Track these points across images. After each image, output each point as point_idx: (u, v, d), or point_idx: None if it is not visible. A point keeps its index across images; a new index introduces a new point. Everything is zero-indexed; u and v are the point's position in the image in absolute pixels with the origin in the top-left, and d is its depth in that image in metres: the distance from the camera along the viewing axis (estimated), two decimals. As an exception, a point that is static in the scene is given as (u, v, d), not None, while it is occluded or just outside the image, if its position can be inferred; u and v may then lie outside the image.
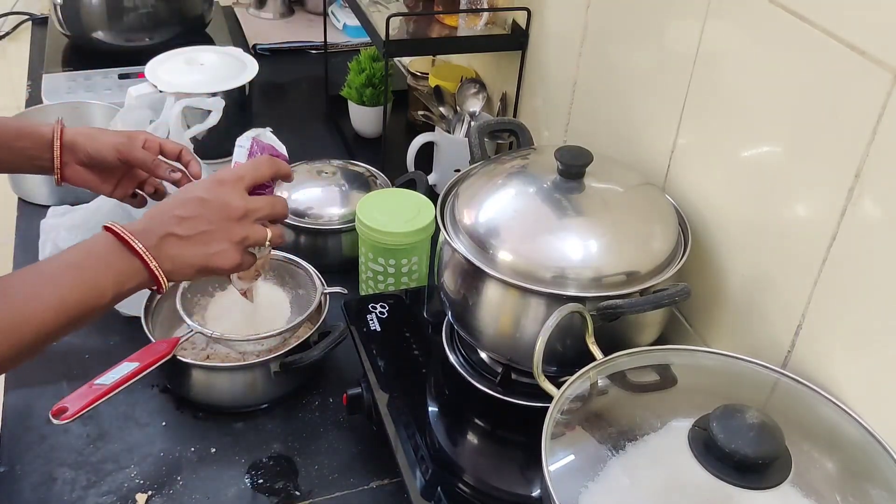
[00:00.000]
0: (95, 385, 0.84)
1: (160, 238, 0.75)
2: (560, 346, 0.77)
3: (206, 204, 0.77)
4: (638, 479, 0.61)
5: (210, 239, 0.77)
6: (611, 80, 1.03)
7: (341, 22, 1.86)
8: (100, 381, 0.85)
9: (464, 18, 1.24)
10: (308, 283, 1.04)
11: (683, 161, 0.90)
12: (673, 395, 0.71)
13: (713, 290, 0.86)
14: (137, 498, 0.86)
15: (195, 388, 0.96)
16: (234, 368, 0.95)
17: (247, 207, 0.78)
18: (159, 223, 0.76)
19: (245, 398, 0.97)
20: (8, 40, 1.94)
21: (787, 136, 0.74)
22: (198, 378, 0.95)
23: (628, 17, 0.98)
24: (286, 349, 0.95)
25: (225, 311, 1.01)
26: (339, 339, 0.97)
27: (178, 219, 0.76)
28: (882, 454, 0.63)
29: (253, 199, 0.80)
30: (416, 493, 0.77)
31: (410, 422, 0.84)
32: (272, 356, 0.95)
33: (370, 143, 1.49)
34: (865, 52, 0.64)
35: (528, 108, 1.27)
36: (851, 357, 0.70)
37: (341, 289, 1.03)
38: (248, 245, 0.80)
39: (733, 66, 0.80)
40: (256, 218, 0.80)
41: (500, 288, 0.79)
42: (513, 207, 0.83)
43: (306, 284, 1.04)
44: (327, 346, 0.96)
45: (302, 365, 0.95)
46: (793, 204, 0.74)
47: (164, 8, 1.59)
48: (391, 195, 1.10)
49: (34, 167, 0.97)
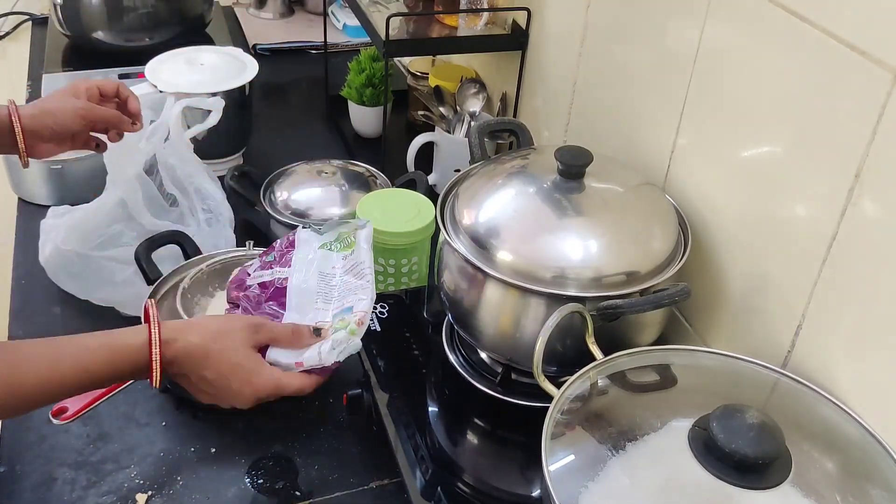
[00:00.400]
0: None
1: (181, 374, 0.75)
2: (560, 346, 0.77)
3: (236, 385, 0.76)
4: (638, 479, 0.61)
5: (224, 398, 0.77)
6: (611, 80, 1.03)
7: (341, 22, 1.86)
8: None
9: (464, 18, 1.24)
10: None
11: (683, 161, 0.90)
12: (673, 395, 0.71)
13: (713, 290, 0.86)
14: (137, 498, 0.86)
15: None
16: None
17: (268, 395, 0.78)
18: (189, 365, 0.75)
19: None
20: (8, 40, 1.94)
21: (787, 136, 0.74)
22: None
23: (628, 17, 0.98)
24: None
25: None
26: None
27: (203, 380, 0.75)
28: (882, 454, 0.64)
29: (278, 387, 0.78)
30: (416, 493, 0.77)
31: (410, 422, 0.84)
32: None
33: (370, 143, 1.49)
34: (865, 52, 0.64)
35: (528, 108, 1.27)
36: (851, 357, 0.70)
37: None
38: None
39: (733, 66, 0.80)
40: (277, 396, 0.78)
41: (500, 288, 0.79)
42: (513, 207, 0.83)
43: None
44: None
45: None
46: (793, 204, 0.74)
47: (164, 8, 1.59)
48: (391, 195, 1.10)
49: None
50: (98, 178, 1.29)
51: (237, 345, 0.76)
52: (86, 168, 1.26)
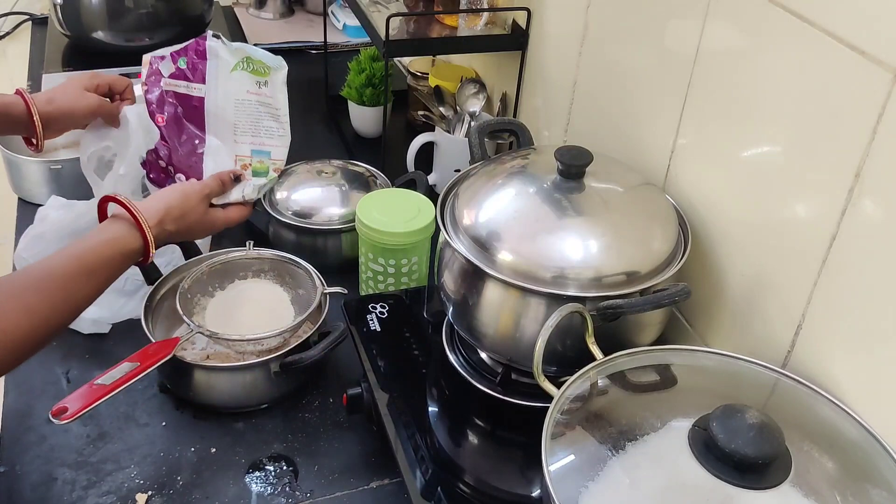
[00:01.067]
0: (95, 385, 0.84)
1: (157, 222, 0.96)
2: (560, 346, 0.77)
3: (202, 230, 1.07)
4: (638, 479, 0.61)
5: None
6: (611, 80, 1.03)
7: (341, 22, 1.86)
8: (100, 381, 0.84)
9: (464, 18, 1.24)
10: (308, 283, 1.04)
11: (683, 161, 0.90)
12: (673, 395, 0.71)
13: (713, 290, 0.86)
14: (137, 498, 0.86)
15: (195, 388, 0.96)
16: (234, 369, 0.95)
17: (225, 226, 1.10)
18: (155, 214, 0.96)
19: (245, 398, 0.97)
20: (8, 40, 1.94)
21: (787, 136, 0.74)
22: (198, 378, 0.95)
23: (628, 17, 0.98)
24: (286, 349, 0.95)
25: (225, 311, 1.01)
26: (339, 339, 0.96)
27: (179, 234, 1.02)
28: (882, 454, 0.64)
29: (227, 220, 1.10)
30: (416, 493, 0.77)
31: (410, 422, 0.84)
32: (272, 356, 0.94)
33: (370, 143, 1.49)
34: (865, 52, 0.64)
35: (528, 108, 1.27)
36: (851, 357, 0.70)
37: (341, 289, 1.03)
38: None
39: (733, 66, 0.80)
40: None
41: (500, 288, 0.79)
42: (513, 207, 0.83)
43: (306, 284, 1.04)
44: (327, 347, 0.96)
45: (302, 365, 0.95)
46: (793, 204, 0.74)
47: (164, 8, 1.59)
48: (391, 195, 1.10)
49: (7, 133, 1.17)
50: (98, 178, 1.29)
51: (196, 211, 1.03)
52: (86, 168, 1.27)
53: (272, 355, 0.95)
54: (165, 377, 0.99)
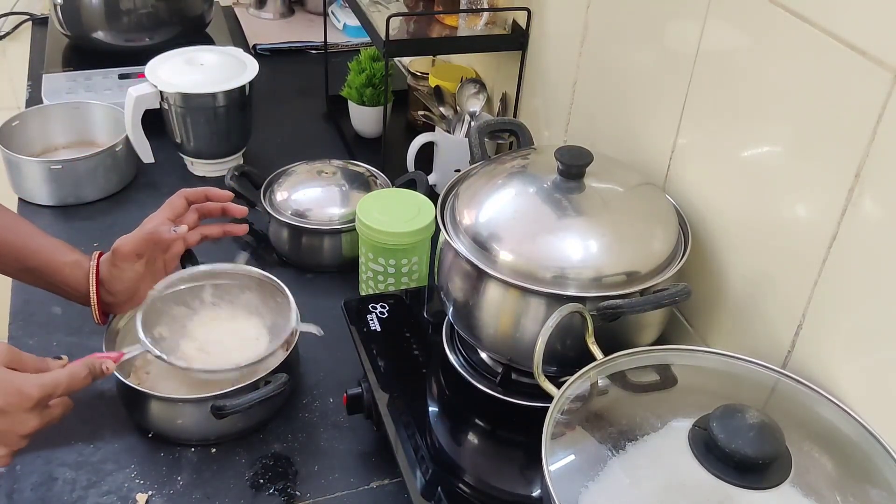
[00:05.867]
0: None
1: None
2: (560, 346, 0.77)
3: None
4: (638, 479, 0.61)
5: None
6: (611, 80, 1.03)
7: (341, 22, 1.86)
8: None
9: (464, 18, 1.24)
10: (286, 314, 0.97)
11: (683, 161, 0.90)
12: (673, 395, 0.71)
13: (713, 290, 0.86)
14: (137, 498, 0.86)
15: (133, 408, 0.93)
16: (167, 400, 0.90)
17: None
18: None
19: (184, 431, 0.91)
20: (8, 40, 1.94)
21: (787, 135, 0.74)
22: (135, 399, 0.91)
23: (628, 17, 0.98)
24: (232, 388, 0.89)
25: (191, 331, 0.97)
26: (273, 392, 0.89)
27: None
28: (882, 454, 0.64)
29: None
30: (416, 493, 0.77)
31: (410, 422, 0.84)
32: (205, 395, 0.88)
33: (370, 143, 1.49)
34: (865, 52, 0.64)
35: (528, 108, 1.27)
36: (851, 357, 0.70)
37: (316, 329, 0.98)
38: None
39: (733, 66, 0.80)
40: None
41: (500, 288, 0.79)
42: (513, 207, 0.83)
43: (285, 314, 0.98)
44: (260, 397, 0.88)
45: (228, 412, 0.87)
46: (793, 204, 0.74)
47: (164, 8, 1.59)
48: (391, 195, 1.10)
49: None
50: (98, 177, 1.29)
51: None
52: (86, 168, 1.27)
53: (206, 394, 0.88)
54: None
